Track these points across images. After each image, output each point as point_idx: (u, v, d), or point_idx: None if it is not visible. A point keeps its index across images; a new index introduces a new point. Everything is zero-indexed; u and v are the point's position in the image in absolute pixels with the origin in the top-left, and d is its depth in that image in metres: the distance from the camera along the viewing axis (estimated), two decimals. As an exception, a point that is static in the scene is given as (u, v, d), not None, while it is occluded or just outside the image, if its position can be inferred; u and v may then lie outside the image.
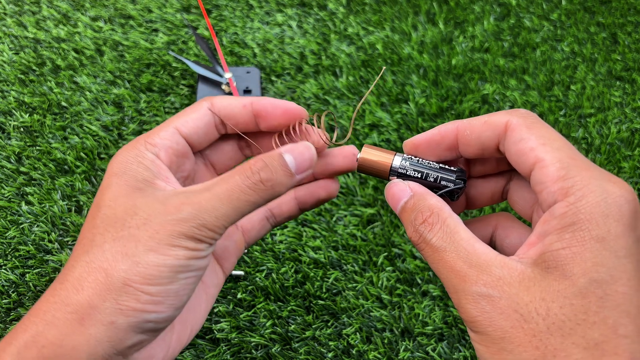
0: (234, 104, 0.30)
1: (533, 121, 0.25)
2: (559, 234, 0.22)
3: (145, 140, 0.28)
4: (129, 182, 0.27)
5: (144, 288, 0.24)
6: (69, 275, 0.25)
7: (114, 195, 0.26)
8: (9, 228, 0.50)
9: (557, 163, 0.23)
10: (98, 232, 0.26)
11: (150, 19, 0.71)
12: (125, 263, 0.24)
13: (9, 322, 0.44)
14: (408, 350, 0.45)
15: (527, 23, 0.77)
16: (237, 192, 0.26)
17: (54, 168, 0.54)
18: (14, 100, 0.60)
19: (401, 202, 0.28)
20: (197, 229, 0.25)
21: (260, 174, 0.27)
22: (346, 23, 0.74)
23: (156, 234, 0.25)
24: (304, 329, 0.46)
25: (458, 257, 0.24)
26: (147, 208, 0.26)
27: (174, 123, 0.29)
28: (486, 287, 0.22)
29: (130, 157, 0.28)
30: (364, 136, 0.61)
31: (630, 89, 0.69)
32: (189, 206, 0.25)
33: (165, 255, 0.25)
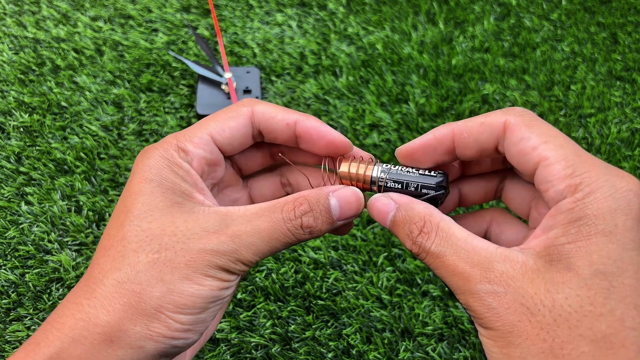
0: (278, 118, 0.28)
1: (531, 119, 0.24)
2: (564, 228, 0.22)
3: (178, 146, 0.26)
4: (166, 194, 0.25)
5: (176, 317, 0.24)
6: (97, 292, 0.24)
7: (148, 206, 0.25)
8: (9, 228, 0.50)
9: (563, 161, 0.22)
10: (131, 248, 0.24)
11: (150, 19, 0.71)
12: (159, 289, 0.24)
13: (9, 322, 0.44)
14: (408, 351, 0.45)
15: (527, 23, 0.77)
16: (278, 232, 0.26)
17: (54, 168, 0.54)
18: (14, 100, 0.60)
19: (389, 216, 0.27)
20: (233, 262, 0.25)
21: (302, 219, 0.26)
22: (346, 23, 0.74)
23: (193, 262, 0.24)
24: (304, 329, 0.46)
25: (459, 259, 0.23)
26: (186, 230, 0.25)
27: (209, 128, 0.27)
28: (490, 284, 0.22)
29: (163, 164, 0.26)
30: (364, 136, 0.61)
31: (631, 89, 0.69)
32: (229, 238, 0.25)
33: (200, 285, 0.24)
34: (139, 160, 0.26)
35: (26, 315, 0.45)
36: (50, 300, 0.46)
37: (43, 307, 0.45)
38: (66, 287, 0.46)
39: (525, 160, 0.24)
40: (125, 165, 0.55)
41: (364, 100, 0.65)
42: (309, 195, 0.26)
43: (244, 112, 0.28)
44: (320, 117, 0.62)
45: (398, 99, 0.65)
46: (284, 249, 0.26)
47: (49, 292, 0.46)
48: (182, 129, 0.60)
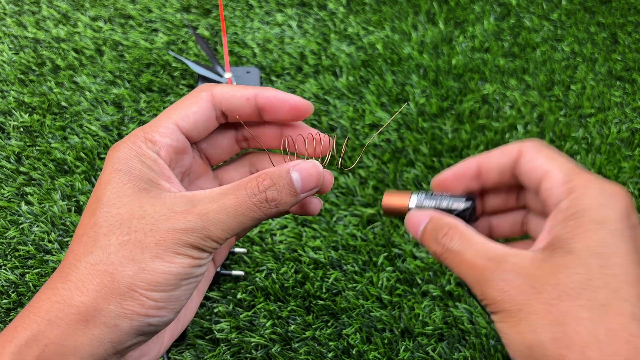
0: (237, 95, 0.29)
1: (541, 146, 0.29)
2: (563, 222, 0.25)
3: (144, 137, 0.28)
4: (134, 181, 0.27)
5: (149, 294, 0.25)
6: (72, 275, 0.25)
7: (117, 193, 0.26)
8: (9, 228, 0.50)
9: (562, 172, 0.27)
10: (102, 233, 0.26)
11: (150, 18, 0.71)
12: (131, 268, 0.25)
13: (9, 322, 0.44)
14: (408, 351, 0.45)
15: (527, 23, 0.77)
16: (244, 207, 0.27)
17: (54, 168, 0.54)
18: (14, 100, 0.60)
19: (421, 227, 0.30)
20: (203, 239, 0.26)
21: (267, 193, 0.27)
22: (346, 23, 0.74)
23: (162, 241, 0.25)
24: (304, 329, 0.46)
25: (477, 255, 0.27)
26: (154, 213, 0.26)
27: (173, 117, 0.29)
28: (504, 273, 0.25)
29: (131, 154, 0.27)
30: (364, 136, 0.61)
31: (631, 89, 0.69)
32: (196, 216, 0.26)
33: (170, 263, 0.25)
34: (109, 153, 0.28)
35: (26, 315, 0.45)
36: (50, 300, 0.46)
37: (43, 307, 0.45)
38: (66, 287, 0.46)
39: (533, 175, 0.28)
40: (125, 165, 0.56)
41: (364, 100, 0.65)
42: (271, 172, 0.28)
43: (203, 97, 0.29)
44: (320, 117, 0.62)
45: (398, 99, 0.65)
46: (253, 226, 0.28)
47: (49, 292, 0.46)
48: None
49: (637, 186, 0.59)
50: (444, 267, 0.50)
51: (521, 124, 0.64)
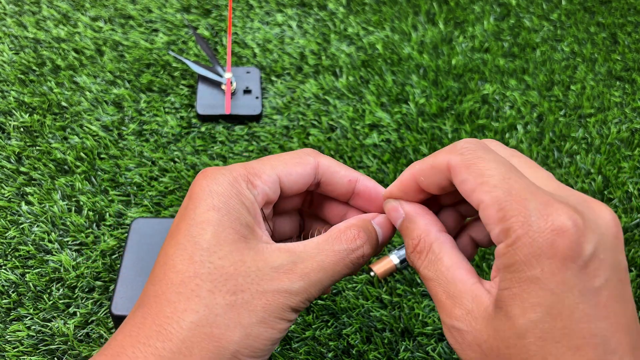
0: (341, 174, 0.29)
1: (470, 157, 0.24)
2: (503, 273, 0.22)
3: (248, 179, 0.27)
4: (233, 225, 0.25)
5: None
6: (174, 335, 0.23)
7: (217, 240, 0.25)
8: (9, 228, 0.50)
9: (496, 204, 0.22)
10: (206, 288, 0.24)
11: (150, 19, 0.71)
12: (238, 334, 0.23)
13: (9, 322, 0.44)
14: (408, 350, 0.45)
15: (527, 23, 0.77)
16: (341, 265, 0.26)
17: (54, 168, 0.54)
18: (14, 100, 0.60)
19: (397, 222, 0.28)
20: (303, 302, 0.25)
21: (364, 249, 0.27)
22: (346, 23, 0.74)
23: (269, 305, 0.24)
24: (304, 329, 0.46)
25: (439, 287, 0.24)
26: (257, 270, 0.25)
27: (278, 169, 0.28)
28: (457, 321, 0.23)
29: (232, 192, 0.26)
30: (364, 136, 0.61)
31: (630, 89, 0.69)
32: (299, 278, 0.25)
33: (274, 329, 0.24)
34: (203, 184, 0.26)
35: (26, 315, 0.45)
36: (50, 300, 0.46)
37: (43, 307, 0.45)
38: (66, 287, 0.46)
39: (471, 202, 0.24)
40: (125, 165, 0.56)
41: (364, 100, 0.65)
42: (362, 225, 0.27)
43: (310, 162, 0.29)
44: (320, 117, 0.62)
45: (398, 99, 0.65)
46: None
47: (50, 292, 0.46)
48: (182, 129, 0.60)
49: (637, 186, 0.59)
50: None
51: (521, 124, 0.64)
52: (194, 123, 0.61)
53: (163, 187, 0.54)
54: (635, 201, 0.57)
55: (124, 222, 0.51)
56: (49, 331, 0.44)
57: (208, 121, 0.61)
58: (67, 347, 0.43)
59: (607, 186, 0.59)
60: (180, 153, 0.58)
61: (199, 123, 0.61)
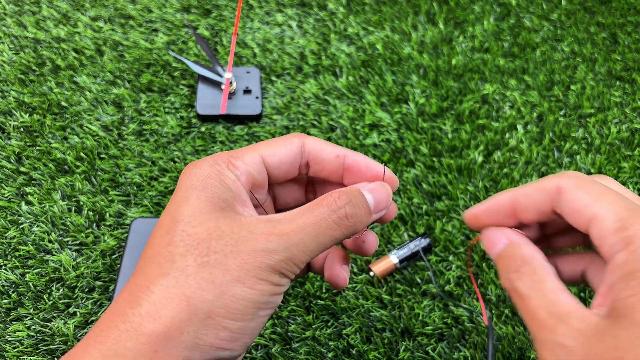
0: (327, 150, 0.29)
1: (583, 180, 0.25)
2: (624, 281, 0.22)
3: (229, 160, 0.27)
4: (210, 199, 0.25)
5: (226, 323, 0.23)
6: (144, 300, 0.23)
7: (193, 211, 0.25)
8: (9, 228, 0.50)
9: (613, 215, 0.23)
10: (178, 253, 0.24)
11: (150, 19, 0.71)
12: (211, 292, 0.23)
13: (9, 322, 0.44)
14: (408, 350, 0.45)
15: (527, 23, 0.77)
16: (323, 226, 0.25)
17: (54, 168, 0.54)
18: (14, 100, 0.60)
19: (496, 249, 0.28)
20: (285, 262, 0.24)
21: (346, 209, 0.26)
22: (346, 23, 0.74)
23: (245, 264, 0.23)
24: (304, 329, 0.46)
25: (540, 306, 0.24)
26: (232, 233, 0.24)
27: (261, 150, 0.28)
28: (564, 337, 0.22)
29: (212, 172, 0.26)
30: (364, 136, 0.61)
31: (630, 89, 0.69)
32: (278, 237, 0.24)
33: (252, 289, 0.23)
34: (186, 170, 0.27)
35: (26, 315, 0.45)
36: (50, 300, 0.46)
37: (43, 307, 0.45)
38: (66, 287, 0.46)
39: (579, 218, 0.25)
40: (125, 165, 0.56)
41: (364, 100, 0.65)
42: (344, 190, 0.27)
43: (295, 142, 0.29)
44: (320, 117, 0.62)
45: (398, 99, 0.65)
46: (331, 246, 0.27)
47: (50, 292, 0.46)
48: (182, 129, 0.60)
49: (637, 186, 0.59)
50: (443, 267, 0.50)
51: (521, 124, 0.64)
52: (194, 123, 0.61)
53: (163, 187, 0.54)
54: (635, 201, 0.57)
55: (124, 222, 0.51)
56: (49, 331, 0.44)
57: (208, 121, 0.61)
58: (67, 347, 0.43)
59: (607, 186, 0.58)
60: (180, 153, 0.58)
61: (199, 123, 0.61)
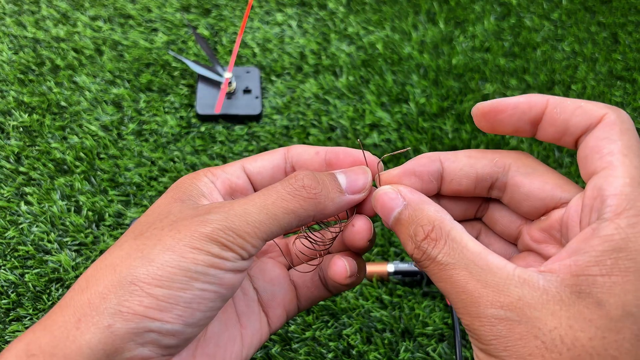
0: (308, 151, 0.30)
1: (628, 127, 0.22)
2: (599, 256, 0.19)
3: (208, 170, 0.28)
4: (175, 195, 0.26)
5: (151, 290, 0.21)
6: (80, 279, 0.23)
7: (154, 205, 0.26)
8: (8, 228, 0.50)
9: (627, 178, 0.20)
10: (124, 238, 0.24)
11: (150, 18, 0.71)
12: (137, 260, 0.22)
13: (8, 323, 0.44)
14: (408, 351, 0.45)
15: (527, 23, 0.77)
16: (275, 197, 0.24)
17: (53, 168, 0.54)
18: (13, 100, 0.60)
19: (394, 212, 0.25)
20: (223, 231, 0.23)
21: (304, 181, 0.25)
22: (346, 23, 0.74)
23: (177, 233, 0.23)
24: (304, 329, 0.46)
25: (470, 276, 0.21)
26: (179, 212, 0.24)
27: (243, 161, 0.30)
28: (504, 310, 0.20)
29: (187, 178, 0.28)
30: (364, 136, 0.61)
31: (631, 88, 0.69)
32: (218, 209, 0.23)
33: (182, 256, 0.22)
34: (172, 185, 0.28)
35: (26, 315, 0.45)
36: (49, 300, 0.45)
37: (43, 307, 0.45)
38: (65, 287, 0.46)
39: (594, 159, 0.21)
40: (124, 165, 0.55)
41: (364, 100, 0.64)
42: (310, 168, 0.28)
43: (279, 150, 0.30)
44: (320, 117, 0.62)
45: (398, 99, 0.65)
46: (294, 222, 0.24)
47: (49, 293, 0.46)
48: (182, 129, 0.60)
49: (637, 186, 0.58)
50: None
51: (521, 123, 0.63)
52: (194, 123, 0.61)
53: (162, 187, 0.54)
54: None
55: (123, 222, 0.51)
56: (48, 332, 0.44)
57: (208, 121, 0.61)
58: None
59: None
60: (180, 153, 0.57)
61: (198, 123, 0.61)
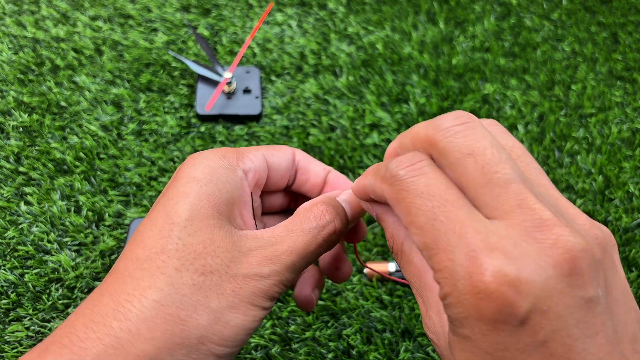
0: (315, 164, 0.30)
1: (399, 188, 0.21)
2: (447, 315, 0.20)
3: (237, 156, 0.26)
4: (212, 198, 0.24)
5: (217, 349, 0.22)
6: (133, 314, 0.21)
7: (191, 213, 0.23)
8: (8, 228, 0.50)
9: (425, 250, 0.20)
10: (173, 265, 0.22)
11: (150, 18, 0.71)
12: (206, 317, 0.22)
13: (8, 323, 0.44)
14: (408, 351, 0.45)
15: (527, 23, 0.77)
16: (314, 245, 0.25)
17: (53, 168, 0.54)
18: (13, 100, 0.60)
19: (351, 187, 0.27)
20: (277, 286, 0.24)
21: (335, 223, 0.26)
22: (346, 22, 0.74)
23: (239, 289, 0.22)
24: (304, 329, 0.46)
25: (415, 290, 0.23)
26: (227, 251, 0.23)
27: (261, 150, 0.28)
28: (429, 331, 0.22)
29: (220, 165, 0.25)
30: (364, 136, 0.61)
31: (631, 88, 0.69)
32: (270, 262, 0.23)
33: (245, 315, 0.23)
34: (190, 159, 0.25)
35: (25, 315, 0.45)
36: (49, 300, 0.45)
37: (42, 307, 0.45)
38: (65, 288, 0.46)
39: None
40: (124, 165, 0.55)
41: (364, 100, 0.64)
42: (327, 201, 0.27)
43: (288, 149, 0.29)
44: (320, 117, 0.62)
45: (398, 99, 0.65)
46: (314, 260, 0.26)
47: (49, 293, 0.46)
48: (181, 129, 0.60)
49: (638, 186, 0.58)
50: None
51: (522, 123, 0.63)
52: (194, 123, 0.61)
53: (162, 187, 0.54)
54: (636, 201, 0.57)
55: (123, 222, 0.51)
56: (48, 332, 0.44)
57: (207, 121, 0.61)
58: (66, 347, 0.43)
59: (608, 186, 0.58)
60: (180, 153, 0.57)
61: (198, 123, 0.61)
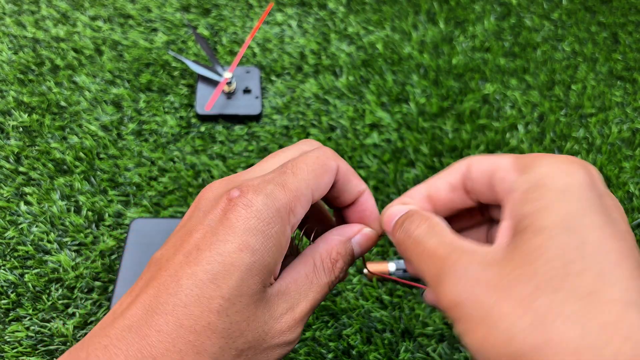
0: (354, 183, 0.30)
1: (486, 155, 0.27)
2: (523, 198, 0.22)
3: (290, 208, 0.24)
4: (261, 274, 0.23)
5: None
6: None
7: (240, 289, 0.22)
8: (8, 228, 0.50)
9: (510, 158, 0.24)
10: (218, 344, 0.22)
11: (150, 18, 0.71)
12: None
13: (8, 323, 0.44)
14: (408, 351, 0.45)
15: (527, 22, 0.77)
16: (324, 295, 0.27)
17: (53, 168, 0.54)
18: (13, 100, 0.60)
19: (394, 219, 0.27)
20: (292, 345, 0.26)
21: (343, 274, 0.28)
22: (346, 22, 0.74)
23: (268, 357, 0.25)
24: (304, 329, 0.46)
25: (440, 244, 0.23)
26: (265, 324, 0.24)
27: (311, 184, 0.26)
28: (470, 264, 0.21)
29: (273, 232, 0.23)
30: (364, 136, 0.61)
31: (631, 88, 0.69)
32: (298, 327, 0.26)
33: None
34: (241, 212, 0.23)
35: (25, 315, 0.45)
36: (49, 300, 0.45)
37: (42, 307, 0.45)
38: (65, 288, 0.46)
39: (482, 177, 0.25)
40: (124, 165, 0.55)
41: (364, 100, 0.64)
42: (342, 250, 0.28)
43: (333, 168, 0.28)
44: (320, 117, 0.62)
45: (398, 99, 0.65)
46: None
47: (48, 293, 0.46)
48: (181, 129, 0.60)
49: (638, 186, 0.58)
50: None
51: (522, 123, 0.63)
52: (194, 123, 0.61)
53: (162, 187, 0.54)
54: (636, 201, 0.57)
55: (123, 222, 0.51)
56: (48, 332, 0.44)
57: (207, 121, 0.61)
58: (66, 347, 0.43)
59: (609, 186, 0.58)
60: (180, 153, 0.57)
61: (198, 123, 0.61)
